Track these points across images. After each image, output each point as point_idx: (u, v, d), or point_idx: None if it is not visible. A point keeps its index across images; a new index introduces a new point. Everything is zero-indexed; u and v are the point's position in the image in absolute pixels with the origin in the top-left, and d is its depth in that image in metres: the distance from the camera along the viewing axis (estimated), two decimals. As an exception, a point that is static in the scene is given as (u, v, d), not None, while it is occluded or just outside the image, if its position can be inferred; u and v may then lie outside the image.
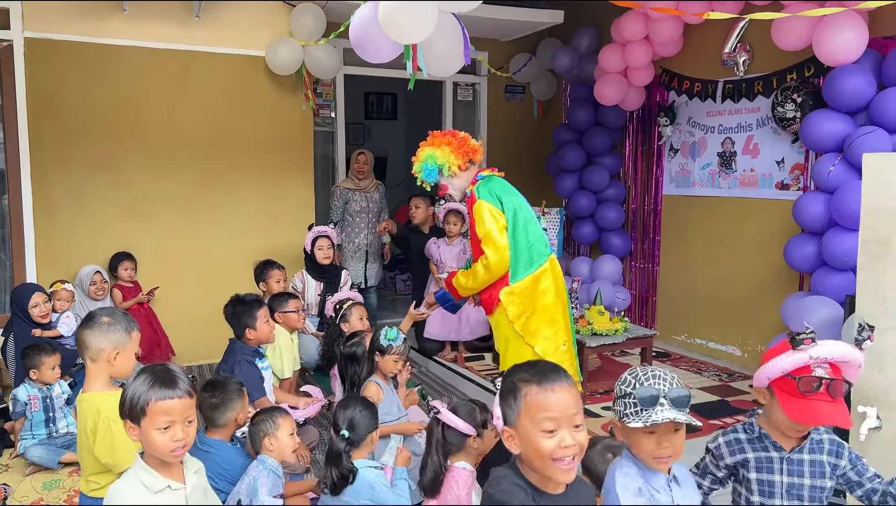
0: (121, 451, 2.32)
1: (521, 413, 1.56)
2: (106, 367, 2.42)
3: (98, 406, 2.36)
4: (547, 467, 1.54)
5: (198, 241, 5.56)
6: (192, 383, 1.99)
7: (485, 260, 3.49)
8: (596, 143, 6.38)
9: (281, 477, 2.71)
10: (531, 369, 1.60)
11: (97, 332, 2.42)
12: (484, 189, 3.59)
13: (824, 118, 4.23)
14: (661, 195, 6.13)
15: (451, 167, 3.60)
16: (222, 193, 5.60)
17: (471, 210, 3.60)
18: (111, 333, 2.42)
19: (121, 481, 1.93)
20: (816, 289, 4.28)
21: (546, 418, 1.53)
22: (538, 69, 7.00)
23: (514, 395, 1.58)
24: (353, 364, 3.75)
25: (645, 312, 6.33)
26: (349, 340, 3.81)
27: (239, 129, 5.60)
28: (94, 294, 4.95)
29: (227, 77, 5.53)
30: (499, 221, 3.48)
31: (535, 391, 1.55)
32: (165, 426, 1.87)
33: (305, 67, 5.61)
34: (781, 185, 5.06)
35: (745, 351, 5.38)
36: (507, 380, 1.62)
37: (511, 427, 1.59)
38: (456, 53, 3.75)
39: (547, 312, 3.55)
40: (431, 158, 3.61)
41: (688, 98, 5.76)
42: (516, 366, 1.66)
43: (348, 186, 6.01)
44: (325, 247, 5.33)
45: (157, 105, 5.35)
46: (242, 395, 3.01)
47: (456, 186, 3.68)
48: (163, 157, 5.40)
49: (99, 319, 2.44)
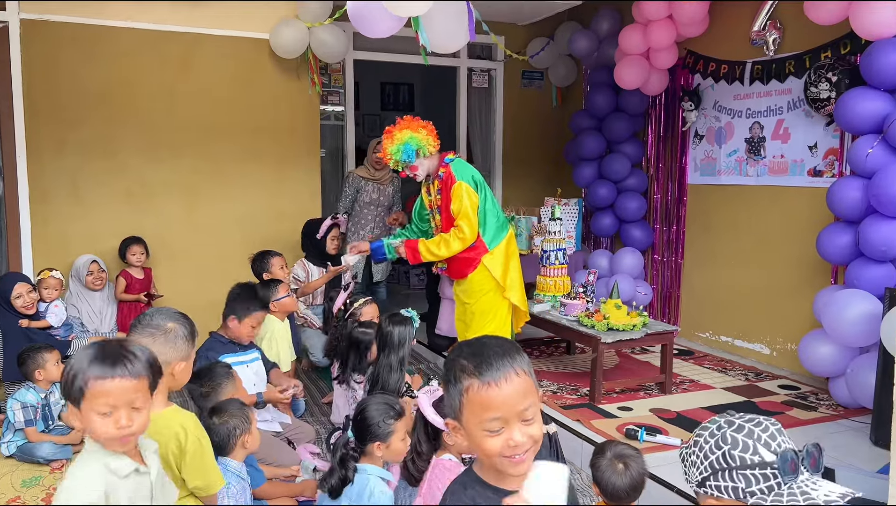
0: (212, 470, 2.08)
1: (464, 407, 1.32)
2: (167, 381, 2.06)
3: (181, 426, 2.04)
4: (497, 463, 1.32)
5: (199, 230, 5.38)
6: (151, 364, 1.70)
7: (460, 233, 4.02)
8: (616, 129, 6.08)
9: (246, 478, 2.48)
10: (474, 357, 1.32)
11: (162, 340, 2.04)
12: (462, 172, 4.06)
13: (862, 96, 3.89)
14: (685, 184, 5.81)
15: (428, 148, 4.02)
16: (224, 181, 5.42)
17: (449, 189, 4.03)
18: (178, 341, 2.07)
19: (79, 466, 1.65)
20: (851, 282, 3.96)
21: (491, 418, 1.29)
22: (557, 54, 6.72)
23: (457, 387, 1.33)
24: (356, 351, 3.57)
25: (668, 308, 6.01)
26: (363, 325, 3.62)
27: (242, 114, 5.41)
28: (92, 284, 4.79)
29: (230, 60, 5.34)
30: (473, 201, 4.01)
31: (476, 387, 1.29)
32: (106, 411, 1.59)
33: (311, 50, 5.41)
34: (814, 171, 4.72)
35: (773, 349, 5.05)
36: (448, 367, 1.37)
37: (455, 419, 1.35)
38: (460, 28, 3.52)
39: (517, 266, 4.25)
40: (413, 139, 3.97)
41: (713, 81, 5.44)
42: (459, 347, 1.39)
43: (363, 174, 5.77)
44: (336, 237, 5.16)
45: (157, 89, 5.18)
46: (232, 377, 2.83)
47: (426, 166, 4.09)
48: (163, 143, 5.23)
49: (161, 323, 2.07)
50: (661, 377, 4.42)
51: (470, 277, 4.18)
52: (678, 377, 4.65)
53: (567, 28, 6.56)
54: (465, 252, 4.11)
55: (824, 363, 4.06)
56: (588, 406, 4.13)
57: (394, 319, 3.27)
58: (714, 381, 4.65)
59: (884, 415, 3.53)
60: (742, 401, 4.23)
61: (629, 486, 2.25)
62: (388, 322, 3.27)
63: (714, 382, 4.63)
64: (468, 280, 4.19)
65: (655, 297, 6.08)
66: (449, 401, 1.36)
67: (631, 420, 3.87)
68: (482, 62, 6.82)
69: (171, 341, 2.04)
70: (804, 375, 4.66)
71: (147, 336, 2.01)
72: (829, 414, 4.03)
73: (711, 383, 4.59)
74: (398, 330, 3.20)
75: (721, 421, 1.47)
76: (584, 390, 4.41)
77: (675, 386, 4.45)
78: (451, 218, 4.09)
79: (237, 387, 2.78)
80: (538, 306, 4.77)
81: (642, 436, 3.56)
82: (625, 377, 4.63)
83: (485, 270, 4.13)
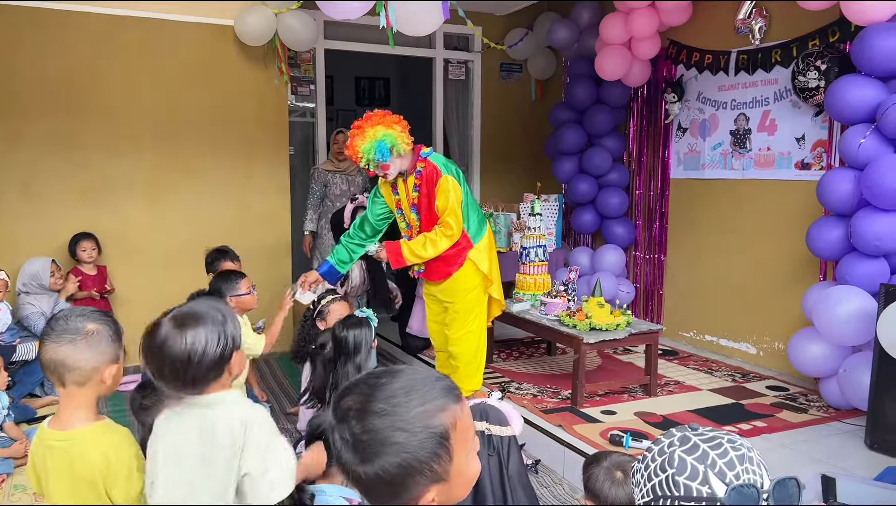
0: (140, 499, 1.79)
1: (455, 449, 1.05)
2: (97, 389, 1.80)
3: (111, 444, 1.77)
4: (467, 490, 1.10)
5: (161, 227, 5.11)
6: None
7: (448, 230, 3.75)
8: (597, 122, 5.89)
9: None
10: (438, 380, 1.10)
11: (84, 345, 1.74)
12: (444, 166, 3.77)
13: (854, 84, 3.73)
14: (668, 179, 5.63)
15: (403, 146, 3.68)
16: (187, 175, 5.15)
17: (434, 183, 3.73)
18: (103, 343, 1.78)
19: None
20: (843, 278, 3.79)
21: (472, 435, 1.10)
22: (536, 46, 6.51)
23: (444, 438, 1.04)
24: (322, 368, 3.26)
25: (650, 307, 5.83)
26: (319, 347, 3.29)
27: (206, 105, 5.15)
28: (55, 285, 4.54)
29: (193, 48, 5.07)
30: (459, 196, 3.75)
31: (459, 409, 1.07)
32: None
33: (279, 38, 5.15)
34: (802, 164, 4.56)
35: (760, 348, 4.89)
36: (423, 430, 1.03)
37: (443, 481, 1.05)
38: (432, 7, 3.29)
39: (496, 259, 4.07)
40: (388, 136, 3.61)
41: (697, 71, 5.26)
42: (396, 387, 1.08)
43: (328, 168, 5.54)
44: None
45: (116, 78, 4.90)
46: None
47: (398, 165, 3.75)
48: (123, 135, 4.95)
49: (80, 326, 1.75)
50: (645, 379, 4.23)
51: (455, 275, 3.91)
52: (663, 379, 4.46)
53: (546, 18, 6.36)
54: (448, 249, 3.85)
55: (815, 363, 3.89)
56: (570, 410, 3.92)
57: (347, 323, 2.93)
58: (700, 382, 4.47)
59: (879, 417, 3.37)
60: (730, 403, 4.05)
61: (628, 497, 2.05)
62: (342, 327, 2.91)
63: (700, 383, 4.45)
64: (452, 279, 3.92)
65: (638, 295, 5.89)
66: (438, 470, 1.04)
67: (615, 425, 3.67)
68: (459, 53, 6.60)
69: (96, 345, 1.76)
70: (792, 376, 4.50)
71: (66, 343, 1.73)
72: (821, 416, 3.86)
73: (697, 385, 4.41)
74: (353, 334, 2.87)
75: (676, 436, 1.21)
76: (565, 393, 4.20)
77: (660, 388, 4.26)
78: (433, 216, 3.80)
79: None
80: (517, 305, 4.56)
81: (627, 442, 3.36)
82: (608, 379, 4.43)
83: (471, 265, 3.89)
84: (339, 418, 1.05)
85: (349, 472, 1.04)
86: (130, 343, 5.22)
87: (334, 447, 1.05)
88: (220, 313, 1.73)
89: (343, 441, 1.03)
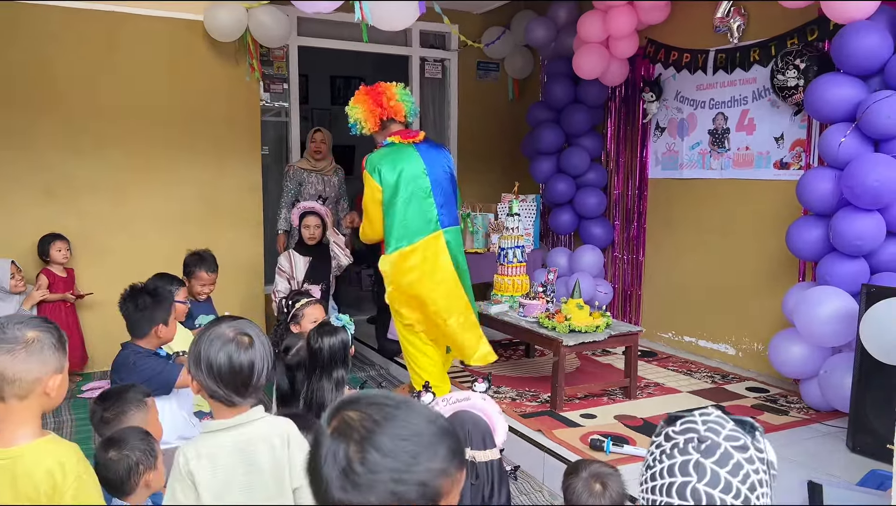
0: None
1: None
2: (41, 401, 1.66)
3: (57, 461, 1.63)
4: None
5: (127, 230, 4.93)
6: None
7: (363, 225, 3.83)
8: (575, 122, 5.83)
9: None
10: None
11: (24, 354, 1.60)
12: (371, 159, 3.69)
13: (833, 83, 3.69)
14: (646, 179, 5.58)
15: (366, 125, 3.71)
16: (156, 174, 4.98)
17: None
18: (45, 352, 1.63)
19: None
20: (823, 279, 3.76)
21: (457, 498, 1.04)
22: (513, 44, 6.44)
23: (434, 499, 0.99)
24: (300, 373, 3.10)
25: (629, 308, 5.78)
26: (284, 350, 3.13)
27: (175, 103, 4.99)
28: (15, 287, 4.39)
29: (160, 44, 4.91)
30: (375, 195, 3.64)
31: (458, 478, 1.03)
32: None
33: (250, 33, 5.01)
34: (780, 164, 4.53)
35: (739, 349, 4.85)
36: (419, 487, 0.98)
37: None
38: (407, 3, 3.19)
39: (408, 292, 3.69)
40: (354, 109, 3.70)
41: (675, 70, 5.22)
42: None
43: (304, 166, 5.42)
44: (312, 225, 4.73)
45: (78, 75, 4.72)
46: (145, 407, 2.40)
47: (378, 141, 3.80)
48: (86, 133, 4.77)
49: (18, 335, 1.61)
50: (625, 381, 4.17)
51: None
52: (642, 381, 4.40)
53: (524, 16, 6.29)
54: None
55: (795, 364, 3.85)
56: (549, 414, 3.84)
57: (322, 331, 2.73)
58: (680, 384, 4.42)
59: (861, 420, 3.33)
60: (711, 406, 3.99)
61: None
62: (316, 336, 2.71)
63: (680, 385, 4.40)
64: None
65: (616, 296, 5.84)
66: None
67: (595, 429, 3.60)
68: (435, 51, 6.51)
69: (37, 353, 1.62)
70: (772, 377, 4.47)
71: (4, 353, 1.59)
72: (802, 418, 3.82)
73: (677, 387, 4.35)
74: (329, 343, 2.70)
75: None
76: (544, 397, 4.12)
77: (639, 390, 4.20)
78: None
79: (149, 419, 2.36)
80: (495, 307, 4.48)
81: (608, 447, 3.28)
82: (587, 382, 4.36)
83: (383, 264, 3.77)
84: (337, 431, 0.98)
85: (324, 484, 0.96)
86: (94, 349, 5.06)
87: (318, 454, 0.98)
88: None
89: (333, 458, 0.96)
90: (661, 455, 1.12)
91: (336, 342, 2.67)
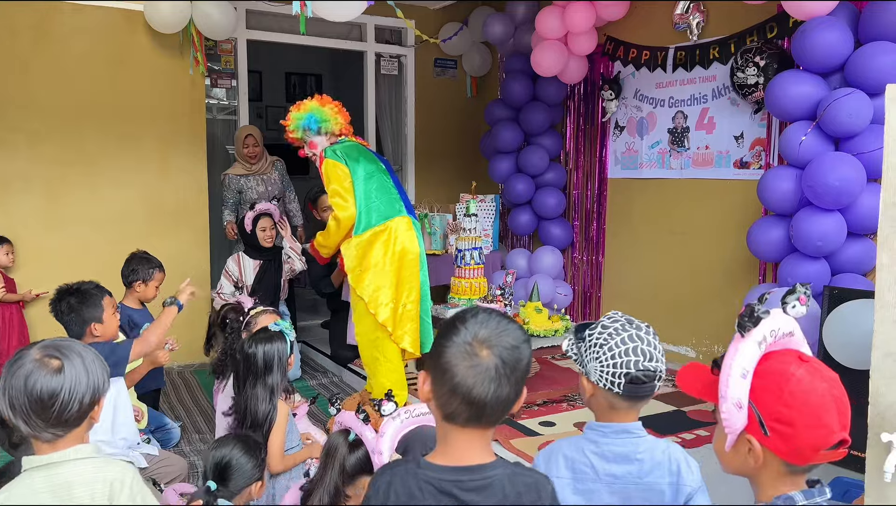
0: None
1: None
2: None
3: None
4: None
5: (63, 231, 4.65)
6: None
7: (335, 214, 3.62)
8: (534, 120, 5.70)
9: None
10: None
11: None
12: (331, 150, 3.67)
13: (793, 80, 3.63)
14: (605, 179, 5.49)
15: (333, 126, 3.72)
16: (92, 171, 4.72)
17: (321, 169, 3.69)
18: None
19: None
20: (784, 280, 3.68)
21: None
22: (471, 41, 6.30)
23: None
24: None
25: (588, 310, 5.68)
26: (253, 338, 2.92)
27: (114, 97, 4.73)
28: None
29: (97, 34, 4.64)
30: (344, 181, 3.59)
31: None
32: None
33: (194, 25, 4.77)
34: (740, 163, 4.47)
35: (699, 352, 4.78)
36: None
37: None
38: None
39: (376, 268, 3.62)
40: (320, 111, 3.69)
41: (634, 68, 5.14)
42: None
43: (239, 172, 5.19)
44: (268, 228, 4.61)
45: (7, 65, 4.43)
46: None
47: (323, 145, 3.72)
48: (16, 128, 4.49)
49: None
50: (585, 387, 4.04)
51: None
52: (603, 385, 4.28)
53: (481, 13, 6.15)
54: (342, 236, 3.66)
55: (756, 367, 3.77)
56: (507, 422, 3.70)
57: (257, 338, 2.54)
58: (640, 388, 4.31)
59: (823, 424, 3.26)
60: (672, 411, 3.90)
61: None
62: (251, 342, 2.53)
63: (640, 389, 4.29)
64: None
65: (575, 297, 5.74)
66: None
67: (555, 437, 3.46)
68: (391, 47, 6.32)
69: None
70: (733, 380, 4.39)
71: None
72: (763, 422, 3.74)
73: (638, 391, 4.25)
74: (263, 350, 2.50)
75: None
76: (502, 404, 3.97)
77: (600, 396, 4.08)
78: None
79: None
80: (453, 311, 4.32)
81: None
82: (546, 387, 4.24)
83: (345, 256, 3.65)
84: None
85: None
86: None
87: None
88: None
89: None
90: (608, 337, 1.56)
91: (271, 350, 2.49)
